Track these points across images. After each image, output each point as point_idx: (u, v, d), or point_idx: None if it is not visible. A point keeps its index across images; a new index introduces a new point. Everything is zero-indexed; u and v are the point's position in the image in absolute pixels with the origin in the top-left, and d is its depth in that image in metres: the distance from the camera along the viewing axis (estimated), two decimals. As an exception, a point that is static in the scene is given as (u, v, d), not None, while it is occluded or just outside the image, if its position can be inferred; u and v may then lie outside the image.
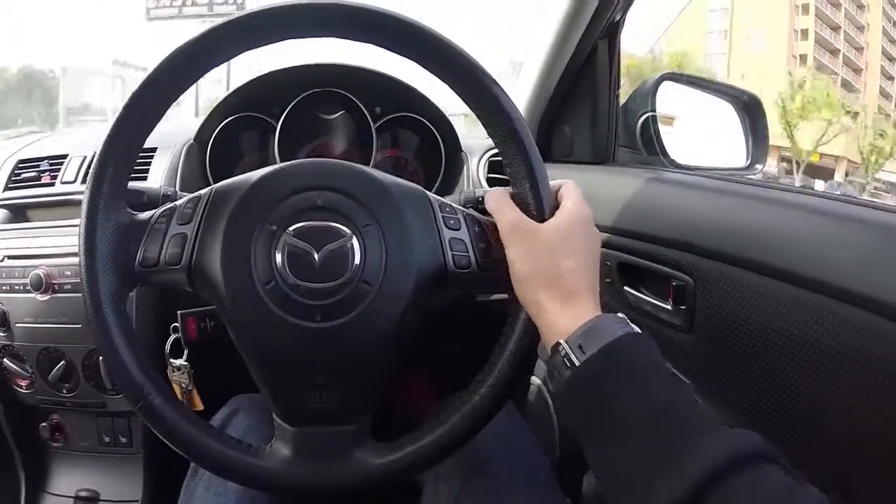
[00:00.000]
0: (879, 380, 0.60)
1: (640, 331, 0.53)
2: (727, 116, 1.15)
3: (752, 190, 0.82)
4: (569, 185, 0.61)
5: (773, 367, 0.70)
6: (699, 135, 1.18)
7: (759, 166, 1.14)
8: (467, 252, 0.60)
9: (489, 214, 0.63)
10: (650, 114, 1.11)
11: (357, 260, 0.56)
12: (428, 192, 0.63)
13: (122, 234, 0.58)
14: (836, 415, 0.65)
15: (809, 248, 0.68)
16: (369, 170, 0.61)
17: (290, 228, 0.57)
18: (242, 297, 0.56)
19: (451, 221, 0.61)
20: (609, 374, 0.49)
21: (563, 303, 0.54)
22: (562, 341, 0.52)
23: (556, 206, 0.60)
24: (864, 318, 0.60)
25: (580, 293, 0.55)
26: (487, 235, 0.61)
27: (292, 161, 0.62)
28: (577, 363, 0.50)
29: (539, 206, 0.59)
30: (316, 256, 0.56)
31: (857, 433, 0.63)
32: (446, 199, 0.64)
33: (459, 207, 0.63)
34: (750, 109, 1.15)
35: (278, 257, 0.56)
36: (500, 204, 0.59)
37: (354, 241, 0.57)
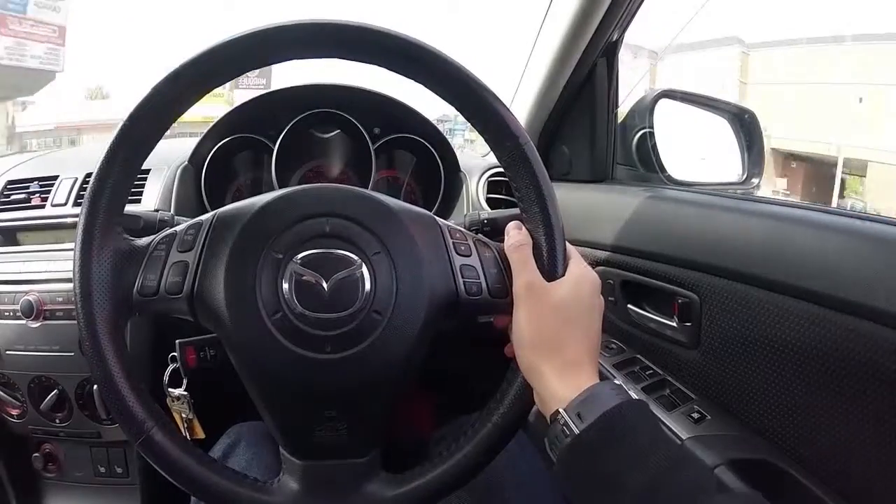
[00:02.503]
0: (884, 388, 0.60)
1: (636, 397, 0.52)
2: (723, 132, 1.16)
3: (753, 206, 0.83)
4: (569, 247, 0.60)
5: (781, 381, 0.71)
6: (696, 150, 1.19)
7: (755, 180, 1.15)
8: (478, 278, 0.59)
9: (496, 237, 0.62)
10: (646, 130, 1.12)
11: (367, 289, 0.55)
12: (437, 218, 0.62)
13: (119, 261, 0.56)
14: (843, 425, 0.66)
15: (812, 261, 0.69)
16: (378, 195, 0.60)
17: (298, 257, 0.55)
18: (248, 327, 0.54)
19: (462, 247, 0.60)
20: (608, 444, 0.49)
21: (562, 372, 0.54)
22: (561, 410, 0.51)
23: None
24: (869, 328, 0.61)
25: (581, 363, 0.54)
26: (498, 260, 0.60)
27: (298, 186, 0.60)
28: (576, 431, 0.49)
29: (553, 265, 0.57)
30: (325, 285, 0.54)
31: (864, 441, 0.64)
32: (453, 223, 0.63)
33: (469, 233, 0.62)
34: (746, 124, 1.16)
35: (285, 286, 0.54)
36: (524, 262, 0.57)
37: (364, 269, 0.55)
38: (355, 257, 0.55)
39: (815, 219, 0.73)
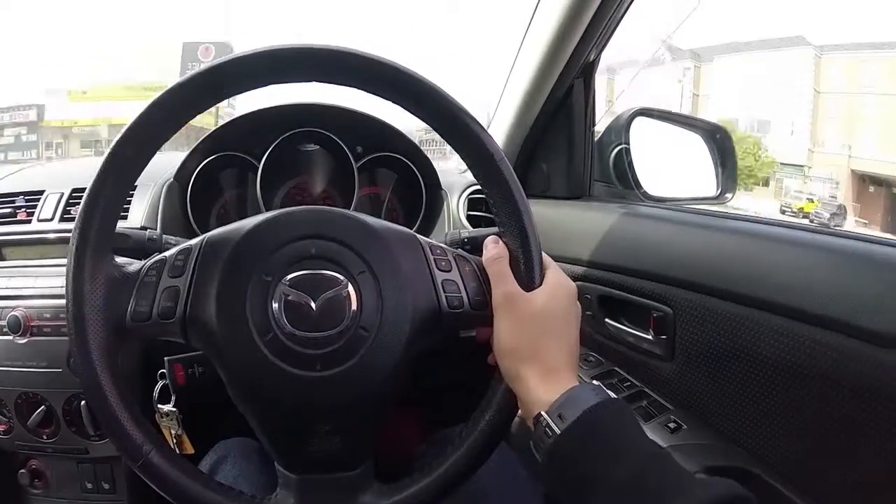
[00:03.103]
0: (851, 397, 0.63)
1: (615, 396, 0.55)
2: (698, 149, 1.19)
3: (725, 223, 0.86)
4: (546, 257, 0.63)
5: (753, 390, 0.73)
6: (671, 167, 1.21)
7: (728, 195, 1.18)
8: (459, 292, 0.61)
9: (476, 255, 0.65)
10: (623, 146, 1.14)
11: (354, 307, 0.57)
12: (418, 235, 0.64)
13: (111, 289, 0.57)
14: (814, 432, 0.69)
15: (781, 276, 0.71)
16: (361, 216, 0.61)
17: (286, 278, 0.56)
18: (240, 349, 0.55)
19: (443, 263, 0.62)
20: (589, 441, 0.51)
21: (543, 377, 0.56)
22: (542, 412, 0.53)
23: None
24: (836, 340, 0.64)
25: (561, 368, 0.57)
26: (477, 273, 0.62)
27: (283, 210, 0.61)
28: (557, 431, 0.52)
29: (530, 275, 0.59)
30: (313, 305, 0.56)
31: (835, 448, 0.67)
32: (434, 241, 0.65)
33: (449, 249, 0.64)
34: (719, 141, 1.19)
35: (275, 307, 0.55)
36: (501, 273, 0.60)
37: (350, 288, 0.57)
38: (341, 277, 0.57)
39: (783, 235, 0.76)
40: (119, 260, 0.60)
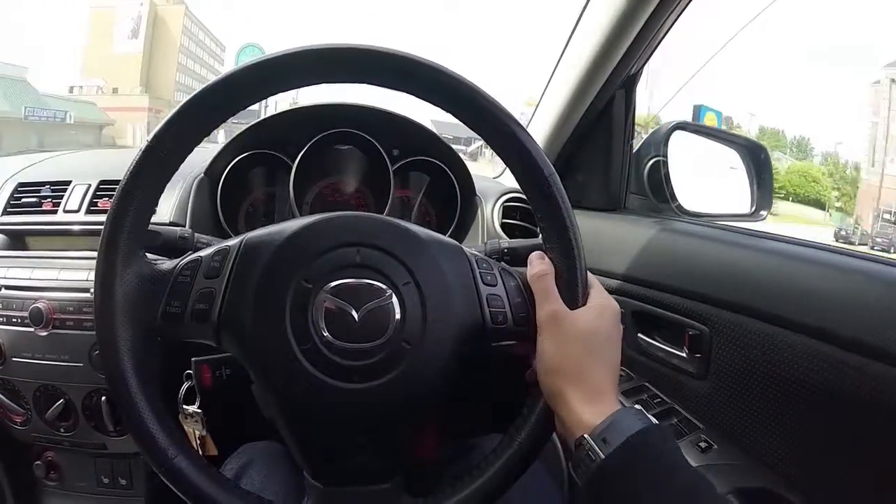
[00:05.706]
0: (887, 425, 0.62)
1: (657, 422, 0.54)
2: (735, 165, 1.17)
3: (765, 243, 0.84)
4: (591, 276, 0.62)
5: (787, 414, 0.73)
6: (707, 182, 1.20)
7: (763, 213, 1.17)
8: (504, 307, 0.59)
9: (515, 266, 0.63)
10: (658, 158, 1.13)
11: (397, 318, 0.55)
12: (465, 248, 0.62)
13: (141, 287, 0.55)
14: (845, 459, 0.68)
15: (820, 300, 0.70)
16: (407, 224, 0.60)
17: (328, 286, 0.54)
18: (277, 357, 0.53)
19: (488, 277, 0.60)
20: (633, 468, 0.50)
21: (587, 399, 0.54)
22: (586, 436, 0.52)
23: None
24: (875, 367, 0.63)
25: (604, 390, 0.55)
26: (521, 289, 0.61)
27: (326, 215, 0.59)
28: (602, 456, 0.50)
29: (575, 294, 0.58)
30: (355, 315, 0.54)
31: (865, 476, 0.66)
32: (477, 252, 0.64)
33: (494, 262, 0.62)
34: (757, 158, 1.18)
35: (316, 316, 0.54)
36: (547, 291, 0.58)
37: (394, 299, 0.55)
38: (385, 287, 0.55)
39: (825, 258, 0.75)
40: (150, 257, 0.59)
